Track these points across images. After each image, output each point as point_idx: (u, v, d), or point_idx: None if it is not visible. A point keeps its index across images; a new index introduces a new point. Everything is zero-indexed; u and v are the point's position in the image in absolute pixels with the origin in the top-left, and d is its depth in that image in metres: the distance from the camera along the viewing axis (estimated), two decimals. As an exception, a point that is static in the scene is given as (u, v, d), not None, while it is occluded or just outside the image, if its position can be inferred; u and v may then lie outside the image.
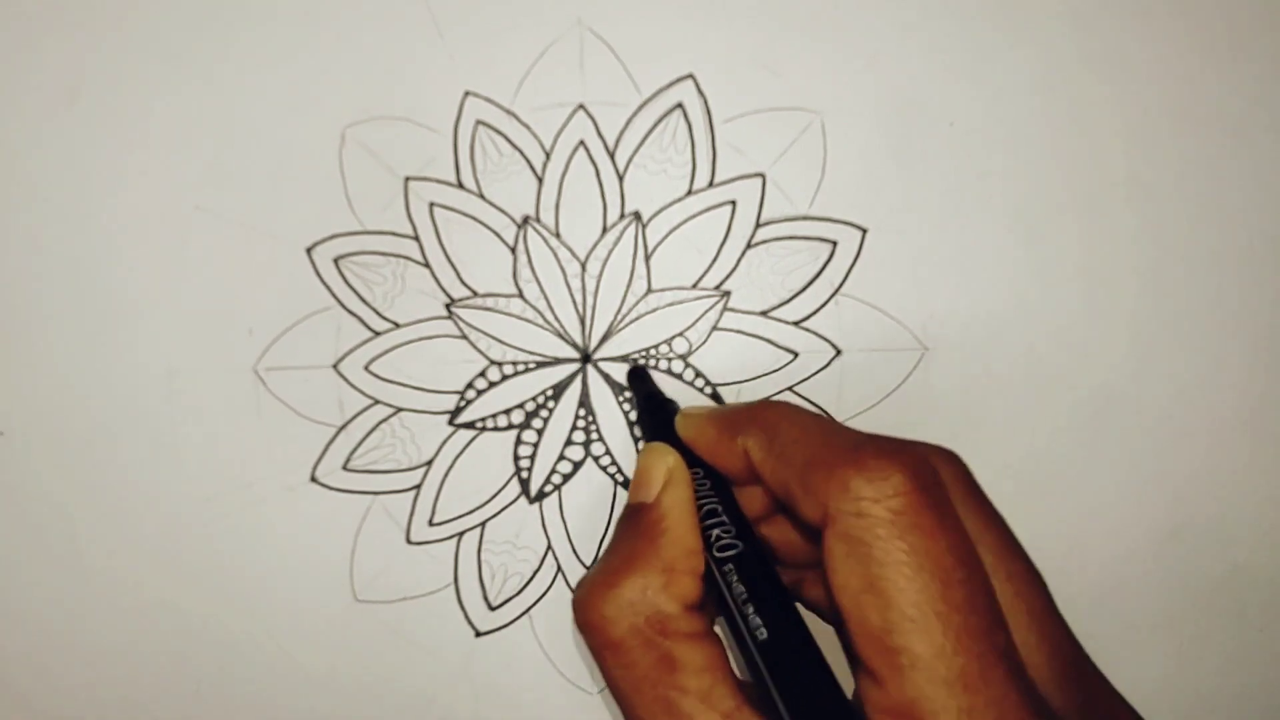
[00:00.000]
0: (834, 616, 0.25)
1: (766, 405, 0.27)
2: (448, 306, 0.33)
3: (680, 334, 0.33)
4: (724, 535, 0.26)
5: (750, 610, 0.24)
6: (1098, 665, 0.25)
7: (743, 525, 0.26)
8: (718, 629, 0.26)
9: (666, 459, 0.27)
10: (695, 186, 0.33)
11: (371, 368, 0.33)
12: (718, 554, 0.25)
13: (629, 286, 0.33)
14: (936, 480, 0.23)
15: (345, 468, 0.33)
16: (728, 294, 0.33)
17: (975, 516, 0.24)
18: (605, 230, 0.33)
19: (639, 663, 0.24)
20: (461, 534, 0.33)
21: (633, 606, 0.24)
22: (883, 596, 0.21)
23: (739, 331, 0.33)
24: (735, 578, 0.25)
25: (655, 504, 0.27)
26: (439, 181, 0.33)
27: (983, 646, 0.21)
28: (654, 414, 0.31)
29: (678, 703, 0.23)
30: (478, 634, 0.33)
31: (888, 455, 0.22)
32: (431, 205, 0.33)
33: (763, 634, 0.24)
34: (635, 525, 0.27)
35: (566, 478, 0.33)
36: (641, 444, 0.33)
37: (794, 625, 0.24)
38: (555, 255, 0.33)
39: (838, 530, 0.22)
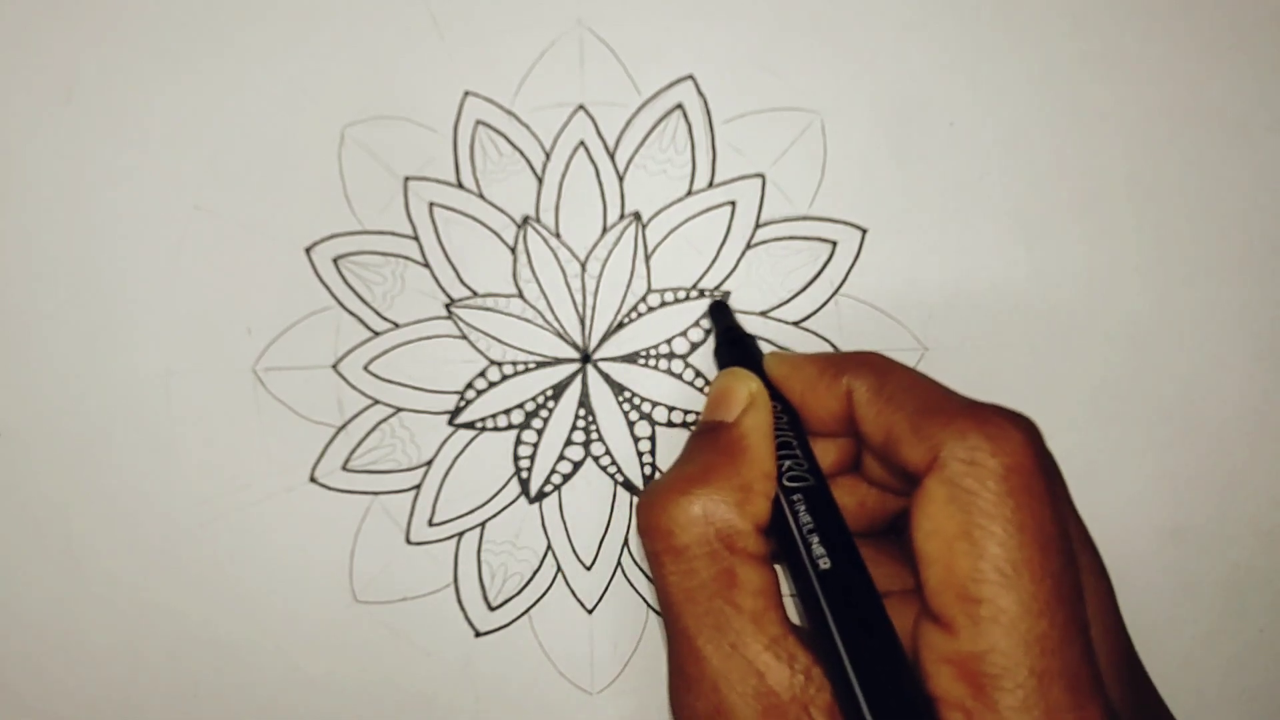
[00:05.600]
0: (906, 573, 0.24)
1: (874, 353, 0.27)
2: (447, 306, 0.33)
3: (680, 334, 0.33)
4: (795, 468, 0.26)
5: (815, 540, 0.24)
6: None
7: (813, 462, 0.26)
8: (776, 566, 0.26)
9: (749, 383, 0.27)
10: (695, 187, 0.33)
11: (371, 368, 0.33)
12: (787, 484, 0.26)
13: (629, 286, 0.33)
14: (1048, 452, 0.23)
15: (344, 468, 0.33)
16: (728, 294, 0.33)
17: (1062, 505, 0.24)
18: (605, 230, 0.33)
19: (699, 572, 0.24)
20: (461, 534, 0.33)
21: (705, 516, 0.24)
22: (978, 546, 0.21)
23: (739, 331, 0.33)
24: (803, 508, 0.25)
25: (736, 423, 0.27)
26: (439, 181, 0.33)
27: (1068, 616, 0.21)
28: (735, 345, 0.31)
29: (730, 619, 0.23)
30: (478, 634, 0.33)
31: (1008, 417, 0.23)
32: (431, 205, 0.33)
33: (825, 564, 0.24)
34: (713, 441, 0.26)
35: (566, 478, 0.33)
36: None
37: (855, 561, 0.24)
38: (555, 255, 0.33)
39: (944, 475, 0.22)
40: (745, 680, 0.23)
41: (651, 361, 0.33)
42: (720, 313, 0.33)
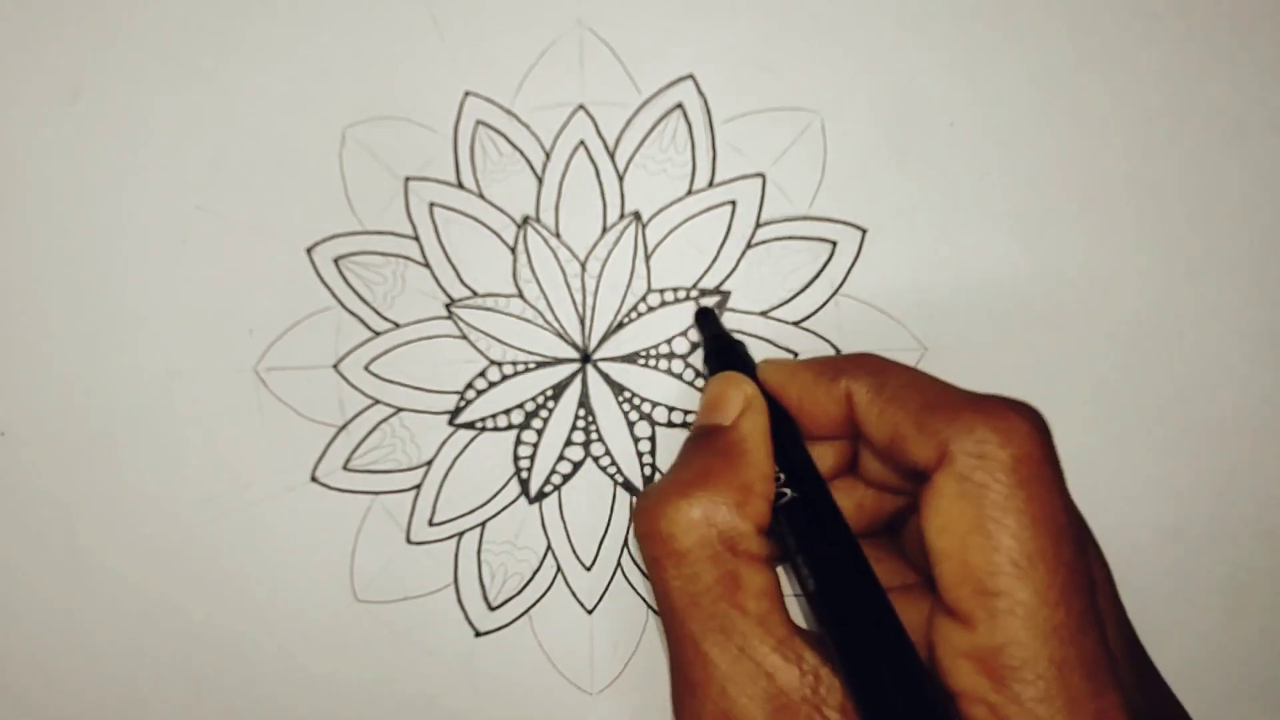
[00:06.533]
0: (920, 563, 0.24)
1: (870, 354, 0.27)
2: (448, 306, 0.33)
3: (681, 334, 0.33)
4: (798, 471, 0.26)
5: (800, 560, 0.24)
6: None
7: (805, 470, 0.26)
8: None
9: (744, 387, 0.27)
10: (695, 186, 0.33)
11: (372, 368, 0.33)
12: (785, 490, 0.25)
13: (629, 286, 0.33)
14: (1052, 441, 0.23)
15: (345, 468, 0.33)
16: (728, 294, 0.33)
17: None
18: (605, 230, 0.33)
19: (702, 576, 0.24)
20: (461, 534, 0.33)
21: (706, 519, 0.24)
22: (991, 539, 0.21)
23: (739, 331, 0.33)
24: (806, 516, 0.25)
25: (734, 427, 0.27)
26: (439, 181, 0.33)
27: (1083, 605, 0.21)
28: (724, 353, 0.31)
29: (735, 622, 0.23)
30: (478, 634, 0.33)
31: (1014, 407, 0.23)
32: (431, 205, 0.33)
33: (810, 584, 0.24)
34: (711, 444, 0.26)
35: (566, 478, 0.33)
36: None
37: (859, 563, 0.24)
38: (555, 255, 0.33)
39: (953, 470, 0.22)
40: (755, 682, 0.23)
41: (651, 361, 0.33)
42: (706, 320, 0.32)
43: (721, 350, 0.31)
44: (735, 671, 0.23)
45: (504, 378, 0.33)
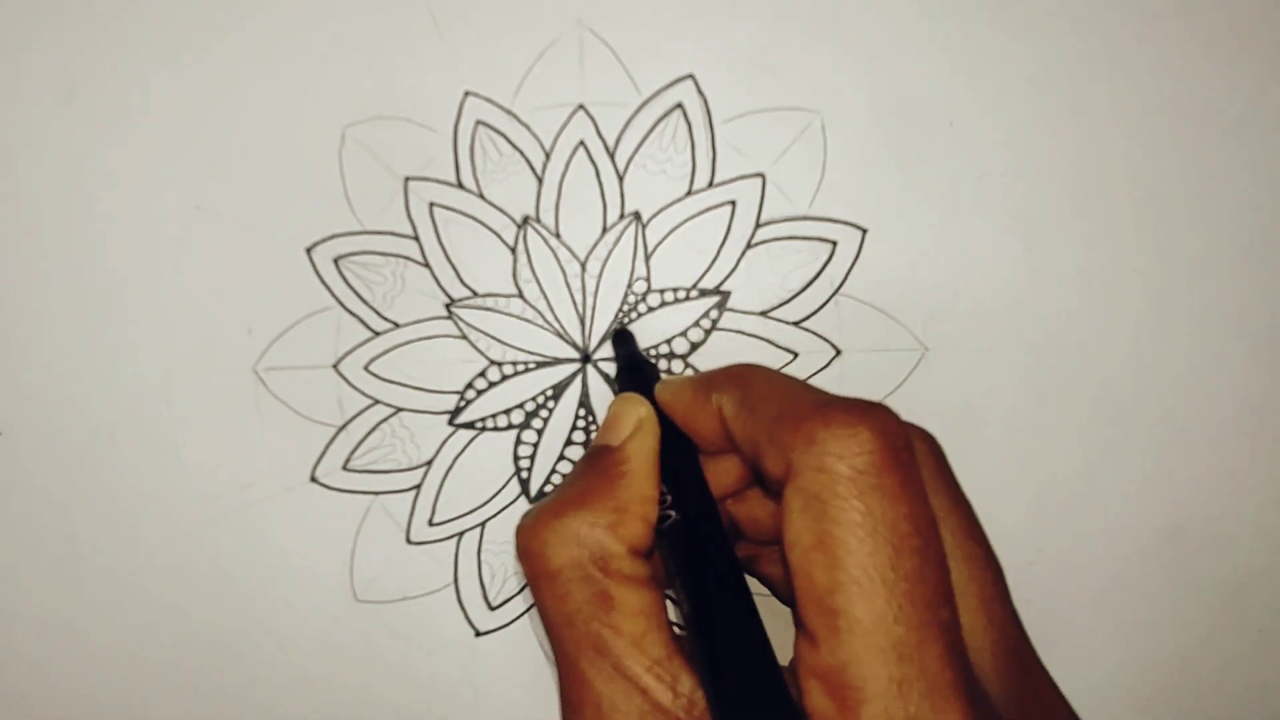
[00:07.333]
0: (787, 584, 0.24)
1: (743, 364, 0.27)
2: (448, 306, 0.33)
3: (680, 334, 0.33)
4: (685, 496, 0.26)
5: (677, 584, 0.24)
6: (1096, 664, 0.25)
7: (693, 493, 0.26)
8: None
9: (639, 408, 0.27)
10: (695, 186, 0.33)
11: (371, 368, 0.33)
12: (669, 513, 0.25)
13: (629, 286, 0.33)
14: (906, 445, 0.22)
15: (345, 468, 0.33)
16: (728, 294, 0.33)
17: (941, 496, 0.24)
18: (605, 230, 0.33)
19: (573, 596, 0.24)
20: (461, 534, 0.33)
21: (577, 539, 0.24)
22: (831, 555, 0.21)
23: (739, 331, 0.33)
24: (667, 550, 0.25)
25: (620, 448, 0.26)
26: (439, 181, 0.33)
27: (925, 618, 0.20)
28: (632, 373, 0.31)
29: (608, 642, 0.23)
30: (478, 634, 0.33)
31: (858, 412, 0.22)
32: (431, 205, 0.33)
33: (685, 608, 0.23)
34: (595, 465, 0.26)
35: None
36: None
37: (719, 599, 0.23)
38: (555, 255, 0.33)
39: (797, 484, 0.21)
40: (629, 700, 0.23)
41: (651, 361, 0.33)
42: (622, 340, 0.33)
43: (631, 370, 0.31)
44: (610, 690, 0.23)
45: (504, 378, 0.33)
